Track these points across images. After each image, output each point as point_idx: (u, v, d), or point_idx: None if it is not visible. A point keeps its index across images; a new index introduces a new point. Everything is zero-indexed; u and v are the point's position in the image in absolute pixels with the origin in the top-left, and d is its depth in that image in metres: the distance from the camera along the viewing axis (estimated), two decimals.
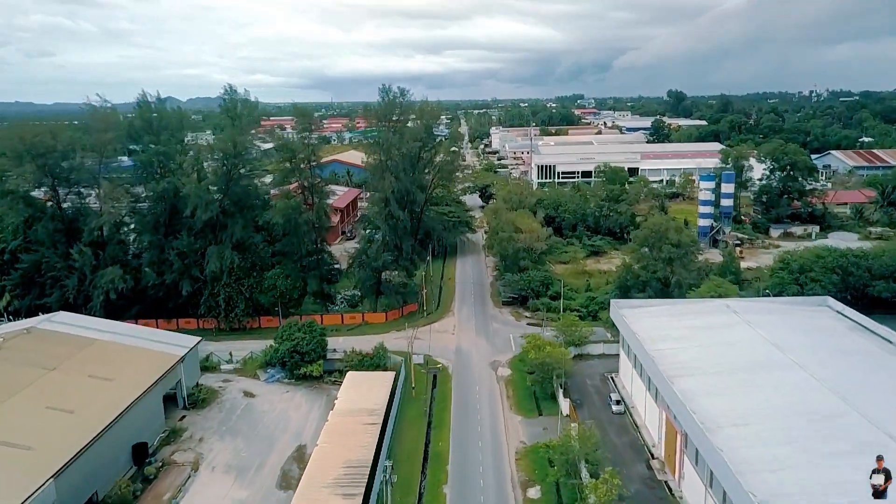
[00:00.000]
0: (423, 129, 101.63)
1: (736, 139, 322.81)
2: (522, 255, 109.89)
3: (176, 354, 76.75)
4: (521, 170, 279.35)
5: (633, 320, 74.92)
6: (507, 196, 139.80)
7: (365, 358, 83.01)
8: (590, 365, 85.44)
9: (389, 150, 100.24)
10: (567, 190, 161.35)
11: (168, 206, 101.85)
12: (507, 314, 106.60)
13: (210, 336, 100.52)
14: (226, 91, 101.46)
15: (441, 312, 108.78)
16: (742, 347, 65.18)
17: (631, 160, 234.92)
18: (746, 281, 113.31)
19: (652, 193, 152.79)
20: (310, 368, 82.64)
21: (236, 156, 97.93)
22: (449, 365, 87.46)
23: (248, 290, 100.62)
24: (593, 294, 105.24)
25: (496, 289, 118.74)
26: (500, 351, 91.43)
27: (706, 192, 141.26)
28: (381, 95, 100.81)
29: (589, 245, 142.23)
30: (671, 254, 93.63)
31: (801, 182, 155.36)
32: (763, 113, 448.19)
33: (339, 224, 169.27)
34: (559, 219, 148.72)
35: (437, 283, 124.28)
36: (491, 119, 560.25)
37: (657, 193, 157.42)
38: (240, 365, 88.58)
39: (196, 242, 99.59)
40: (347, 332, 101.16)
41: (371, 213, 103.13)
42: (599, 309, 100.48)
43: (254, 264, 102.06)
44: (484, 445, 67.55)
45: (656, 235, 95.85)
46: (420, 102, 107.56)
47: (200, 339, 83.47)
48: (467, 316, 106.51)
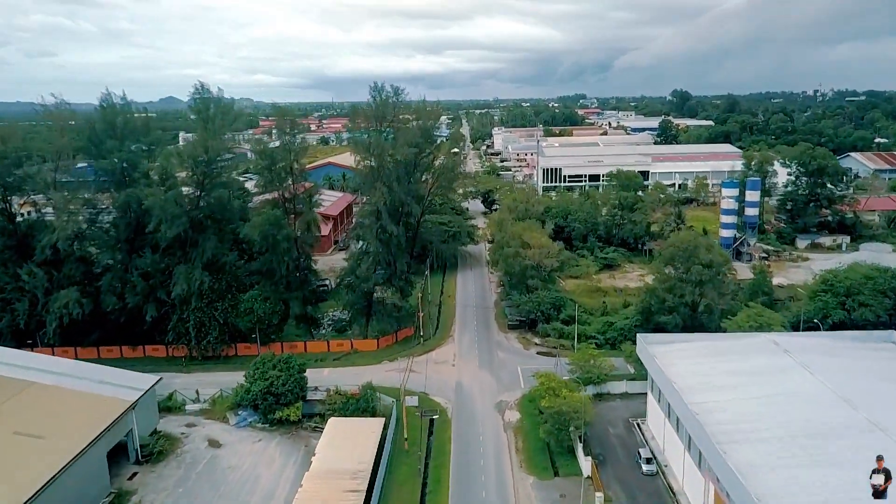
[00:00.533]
0: (419, 133, 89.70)
1: (747, 140, 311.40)
2: (531, 272, 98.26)
3: (127, 400, 65.20)
4: (525, 172, 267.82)
5: (666, 361, 63.33)
6: (512, 205, 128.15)
7: (350, 400, 71.42)
8: (611, 407, 73.83)
9: (382, 156, 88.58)
10: (576, 196, 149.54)
11: (132, 219, 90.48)
12: (513, 340, 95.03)
13: (179, 366, 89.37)
14: (196, 90, 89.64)
15: (440, 338, 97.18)
16: (804, 402, 53.54)
17: (641, 163, 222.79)
18: (779, 301, 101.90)
19: (668, 200, 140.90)
20: (286, 412, 71.15)
21: (209, 163, 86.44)
22: (448, 406, 75.83)
23: (223, 315, 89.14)
24: (611, 319, 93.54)
25: (501, 309, 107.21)
26: (506, 388, 79.85)
27: (729, 200, 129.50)
28: (372, 95, 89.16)
29: (601, 258, 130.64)
30: (702, 275, 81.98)
31: (830, 188, 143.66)
32: (770, 113, 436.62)
33: (332, 233, 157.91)
34: (568, 228, 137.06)
35: (436, 302, 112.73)
36: (493, 119, 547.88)
37: (673, 200, 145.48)
38: (207, 405, 77.04)
39: (162, 261, 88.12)
40: (334, 363, 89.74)
41: (361, 227, 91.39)
42: (619, 338, 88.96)
43: (229, 285, 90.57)
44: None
45: (684, 254, 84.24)
46: (417, 103, 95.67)
47: (160, 378, 71.87)
48: (469, 343, 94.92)
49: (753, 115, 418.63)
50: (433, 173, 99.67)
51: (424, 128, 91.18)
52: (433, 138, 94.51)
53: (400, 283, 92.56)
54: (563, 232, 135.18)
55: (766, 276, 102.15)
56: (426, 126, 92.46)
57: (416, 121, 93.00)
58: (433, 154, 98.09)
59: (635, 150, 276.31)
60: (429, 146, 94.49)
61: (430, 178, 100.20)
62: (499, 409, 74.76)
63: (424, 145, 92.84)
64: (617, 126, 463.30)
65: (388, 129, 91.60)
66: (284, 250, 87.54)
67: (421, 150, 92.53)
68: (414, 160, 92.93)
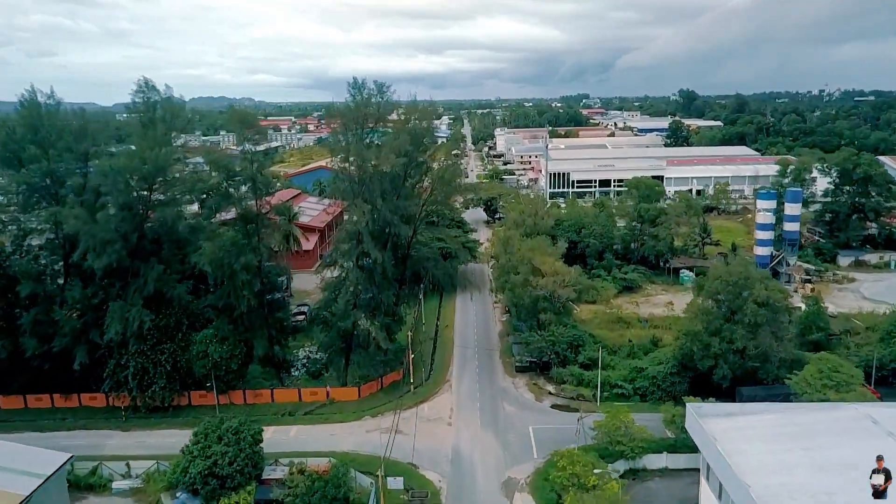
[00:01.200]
0: (409, 140, 73.73)
1: (763, 143, 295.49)
2: (543, 304, 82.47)
3: (18, 493, 49.52)
4: (530, 176, 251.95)
5: (731, 446, 47.48)
6: (518, 218, 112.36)
7: (317, 482, 55.59)
8: (649, 491, 57.97)
9: (363, 167, 72.73)
10: (590, 207, 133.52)
11: (62, 244, 75.01)
12: (522, 388, 79.25)
13: (117, 422, 73.86)
14: (139, 87, 73.63)
15: (434, 383, 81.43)
16: None
17: (655, 167, 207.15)
18: (834, 336, 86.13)
19: (695, 212, 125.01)
20: (233, 500, 55.50)
21: (151, 177, 70.75)
22: (442, 486, 59.92)
23: (171, 359, 73.62)
24: (639, 363, 77.64)
25: (506, 344, 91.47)
26: (515, 458, 63.92)
27: (766, 213, 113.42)
28: (350, 93, 73.16)
29: (620, 279, 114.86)
30: (757, 317, 66.12)
31: (877, 199, 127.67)
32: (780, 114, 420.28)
33: (318, 247, 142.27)
34: (582, 244, 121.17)
35: (431, 334, 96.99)
36: (495, 120, 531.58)
37: (699, 211, 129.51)
38: (140, 482, 61.36)
39: (96, 295, 72.49)
40: (305, 417, 74.15)
41: (338, 253, 75.36)
42: (651, 388, 73.27)
43: (180, 322, 74.91)
44: None
45: (734, 288, 68.37)
46: (407, 103, 79.36)
47: (70, 458, 55.61)
48: (469, 391, 79.15)
49: (763, 115, 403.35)
50: (427, 186, 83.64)
51: (415, 132, 75.12)
52: (426, 145, 78.20)
53: (386, 321, 76.66)
54: (576, 248, 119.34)
55: (820, 306, 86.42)
56: (418, 130, 76.41)
57: (406, 123, 77.20)
58: (427, 163, 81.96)
59: (646, 152, 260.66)
60: (421, 154, 78.45)
61: (423, 190, 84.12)
62: (506, 491, 58.86)
63: (416, 153, 76.98)
64: (623, 127, 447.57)
65: (371, 133, 75.75)
66: (244, 283, 71.66)
67: (411, 160, 76.72)
68: (403, 171, 77.17)
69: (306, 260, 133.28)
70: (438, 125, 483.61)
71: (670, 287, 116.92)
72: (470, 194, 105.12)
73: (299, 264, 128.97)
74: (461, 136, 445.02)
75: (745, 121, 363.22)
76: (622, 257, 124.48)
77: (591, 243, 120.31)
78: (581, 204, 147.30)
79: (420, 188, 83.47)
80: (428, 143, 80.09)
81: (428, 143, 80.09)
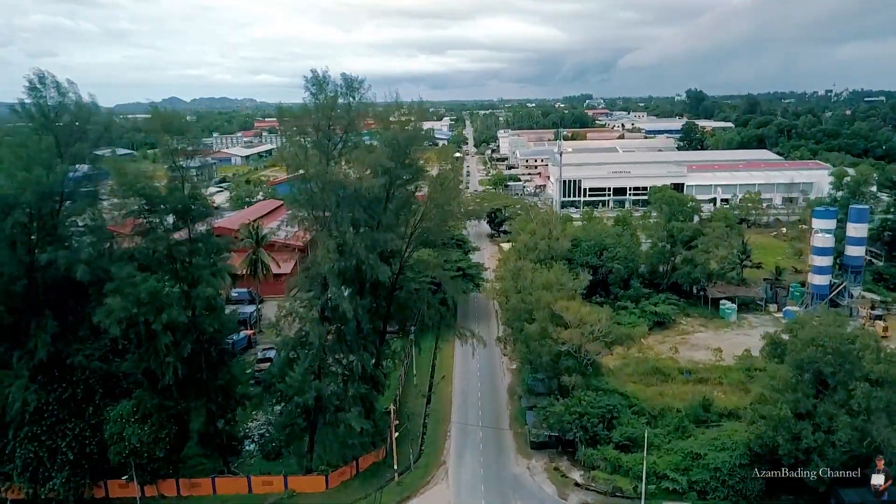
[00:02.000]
0: (389, 153, 55.32)
1: (785, 146, 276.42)
2: (566, 363, 64.01)
3: None
4: (537, 183, 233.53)
5: None
6: (530, 241, 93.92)
7: None
8: None
9: (328, 191, 54.19)
10: (611, 226, 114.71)
11: None
12: (540, 475, 60.70)
13: None
14: (31, 85, 55.08)
15: (426, 468, 62.81)
16: None
17: (675, 174, 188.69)
18: None
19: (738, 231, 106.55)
20: None
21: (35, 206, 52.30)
22: None
23: (77, 443, 55.47)
24: (694, 445, 58.95)
25: (518, 408, 72.88)
26: None
27: (825, 236, 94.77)
28: (310, 91, 54.32)
29: (651, 312, 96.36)
30: (869, 399, 47.58)
31: None
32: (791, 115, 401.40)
33: (297, 268, 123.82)
34: (603, 268, 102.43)
35: (424, 388, 78.67)
36: (498, 121, 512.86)
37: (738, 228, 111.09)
38: None
39: None
40: None
41: (294, 306, 56.51)
42: (713, 483, 54.84)
43: (90, 392, 56.71)
44: None
45: (833, 358, 49.75)
46: (388, 104, 60.33)
47: None
48: (471, 480, 60.53)
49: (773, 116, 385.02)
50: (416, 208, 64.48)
51: (397, 143, 56.34)
52: (414, 160, 59.20)
53: (361, 390, 58.03)
54: (597, 273, 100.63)
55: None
56: (401, 139, 57.57)
57: (385, 129, 58.65)
58: (417, 179, 62.75)
59: (662, 156, 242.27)
60: (406, 170, 59.46)
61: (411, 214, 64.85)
62: None
63: (400, 171, 58.34)
64: (632, 128, 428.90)
65: (339, 142, 57.09)
66: (167, 347, 53.16)
67: (394, 177, 58.13)
68: (385, 193, 58.69)
69: (284, 284, 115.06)
70: (440, 127, 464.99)
71: (709, 321, 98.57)
72: (472, 218, 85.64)
73: (274, 289, 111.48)
74: (463, 138, 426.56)
75: (759, 122, 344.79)
76: (649, 283, 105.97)
77: (616, 268, 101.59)
78: (598, 217, 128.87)
79: (408, 212, 64.47)
80: (414, 153, 60.55)
81: (414, 153, 60.55)
